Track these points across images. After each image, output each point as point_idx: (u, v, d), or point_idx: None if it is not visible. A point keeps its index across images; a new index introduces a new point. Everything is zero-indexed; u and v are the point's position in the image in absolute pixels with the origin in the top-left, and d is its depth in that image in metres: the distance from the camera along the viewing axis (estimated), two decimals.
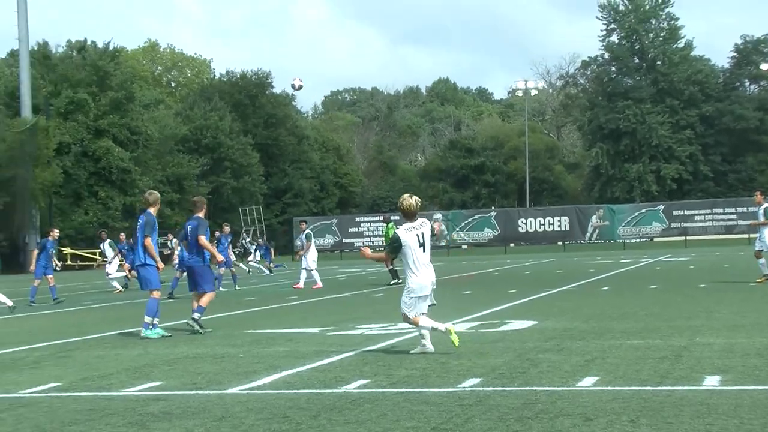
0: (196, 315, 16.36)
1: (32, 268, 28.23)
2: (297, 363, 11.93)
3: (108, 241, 35.96)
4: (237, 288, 31.78)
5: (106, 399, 9.72)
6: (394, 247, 12.59)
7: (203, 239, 16.32)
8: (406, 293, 12.46)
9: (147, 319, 16.07)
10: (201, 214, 16.98)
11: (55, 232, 30.60)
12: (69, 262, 68.48)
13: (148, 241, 16.17)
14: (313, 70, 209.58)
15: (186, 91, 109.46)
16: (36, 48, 79.06)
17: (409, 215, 12.52)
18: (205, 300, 16.48)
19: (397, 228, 12.78)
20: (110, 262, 35.07)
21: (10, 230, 66.90)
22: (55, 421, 8.54)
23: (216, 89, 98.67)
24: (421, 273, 12.41)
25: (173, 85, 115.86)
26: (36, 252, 28.83)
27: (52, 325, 19.72)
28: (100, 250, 47.07)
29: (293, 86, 36.29)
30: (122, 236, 36.63)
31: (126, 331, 17.06)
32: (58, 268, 33.00)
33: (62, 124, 73.21)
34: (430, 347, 12.36)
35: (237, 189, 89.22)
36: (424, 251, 12.44)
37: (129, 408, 9.12)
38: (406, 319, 12.60)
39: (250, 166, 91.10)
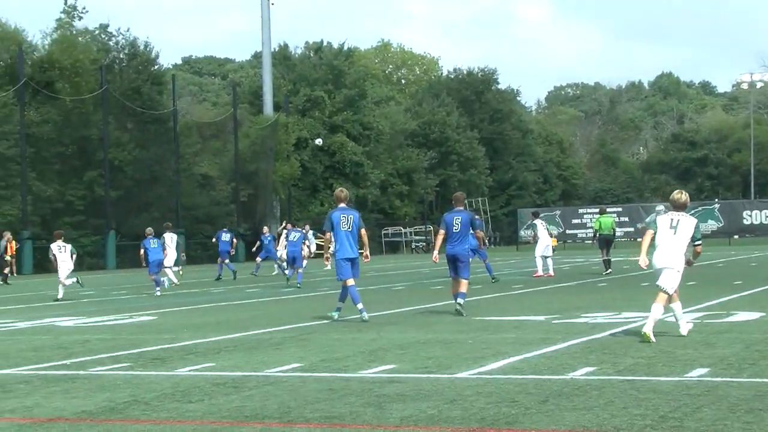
0: (461, 300, 17.50)
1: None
2: (524, 349, 12.19)
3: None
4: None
5: (344, 380, 10.17)
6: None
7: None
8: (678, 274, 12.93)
9: (359, 305, 16.94)
10: (462, 207, 18.35)
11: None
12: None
13: (327, 235, 17.03)
14: (536, 66, 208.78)
15: (415, 88, 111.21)
16: (277, 50, 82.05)
17: (678, 206, 13.31)
18: (465, 286, 17.64)
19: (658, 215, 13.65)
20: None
21: (254, 220, 69.92)
22: (299, 399, 8.99)
23: (443, 86, 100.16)
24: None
25: (403, 82, 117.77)
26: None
27: (292, 309, 20.61)
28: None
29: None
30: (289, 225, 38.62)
31: (359, 316, 17.69)
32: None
33: (300, 121, 75.86)
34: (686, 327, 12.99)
35: (463, 181, 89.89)
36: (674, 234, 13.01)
37: (365, 389, 9.51)
38: (665, 300, 12.82)
39: (476, 159, 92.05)
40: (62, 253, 28.36)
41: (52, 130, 56.73)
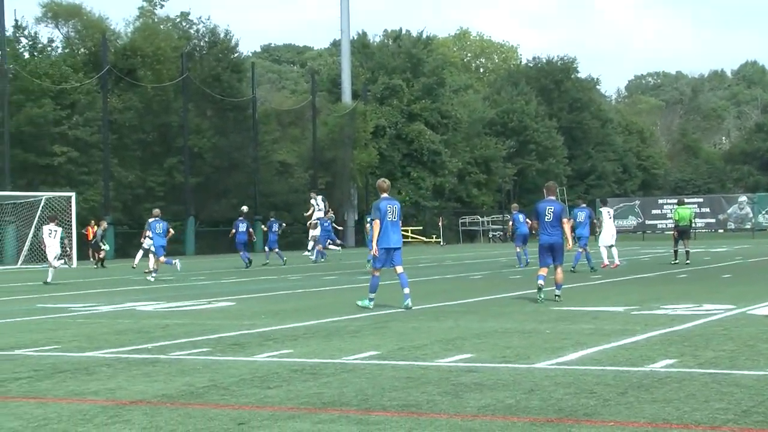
0: (557, 291, 18.09)
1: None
2: (602, 340, 12.09)
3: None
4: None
5: (421, 368, 10.17)
6: None
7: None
8: None
9: (406, 290, 17.40)
10: (554, 197, 19.05)
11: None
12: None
13: (376, 224, 17.26)
14: (616, 55, 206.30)
15: (493, 76, 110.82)
16: (356, 38, 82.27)
17: None
18: (560, 273, 18.22)
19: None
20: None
21: (332, 207, 70.28)
22: (376, 387, 9.01)
23: (522, 74, 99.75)
24: None
25: (481, 70, 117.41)
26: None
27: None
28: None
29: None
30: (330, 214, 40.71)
31: (437, 304, 17.71)
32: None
33: (378, 109, 76.02)
34: None
35: (542, 171, 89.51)
36: None
37: (443, 378, 9.50)
38: None
39: (555, 148, 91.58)
40: (51, 238, 29.29)
41: (134, 117, 57.58)
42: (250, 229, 38.16)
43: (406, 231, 70.06)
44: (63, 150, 52.66)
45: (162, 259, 30.47)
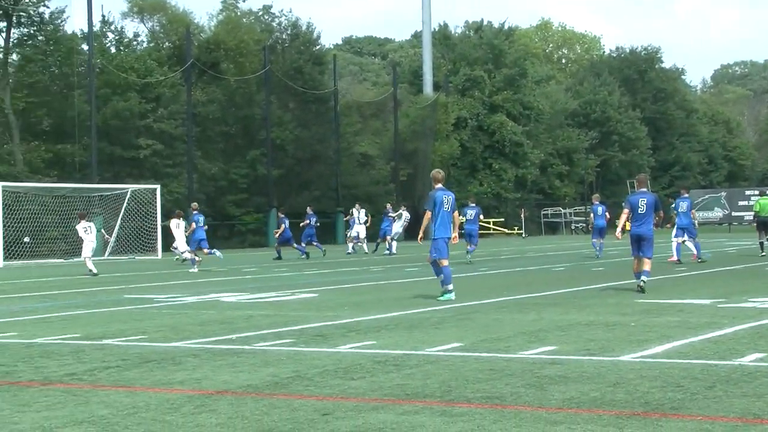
0: (644, 278, 18.31)
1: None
2: (689, 333, 11.94)
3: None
4: None
5: (504, 360, 10.13)
6: None
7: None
8: None
9: (450, 286, 17.45)
10: (646, 189, 19.19)
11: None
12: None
13: (428, 215, 17.51)
14: (702, 44, 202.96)
15: (576, 67, 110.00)
16: (437, 29, 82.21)
17: None
18: (648, 265, 18.33)
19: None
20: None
21: (413, 200, 70.37)
22: (459, 379, 9.00)
23: (605, 65, 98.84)
24: None
25: (563, 61, 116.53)
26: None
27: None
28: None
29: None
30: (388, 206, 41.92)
31: (519, 296, 17.63)
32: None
33: (459, 100, 75.87)
34: None
35: (624, 162, 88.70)
36: None
37: (526, 370, 9.46)
38: None
39: (638, 139, 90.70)
40: (87, 234, 30.32)
41: (217, 109, 58.19)
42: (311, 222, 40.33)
43: (488, 223, 69.91)
44: (148, 143, 53.43)
45: (205, 250, 31.72)
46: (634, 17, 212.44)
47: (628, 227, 19.11)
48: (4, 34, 52.03)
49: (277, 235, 38.59)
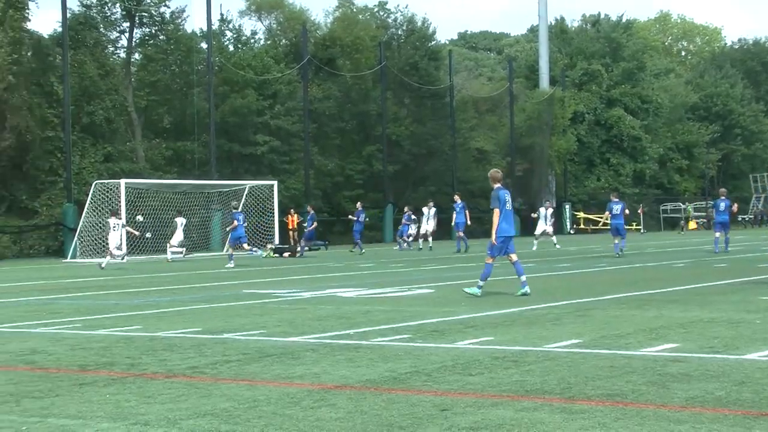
0: None
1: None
2: None
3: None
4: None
5: (624, 357, 9.97)
6: None
7: None
8: None
9: (523, 278, 17.60)
10: None
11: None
12: (582, 226, 70.38)
13: (496, 213, 17.50)
14: None
15: (696, 59, 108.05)
16: (553, 23, 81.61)
17: None
18: None
19: None
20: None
21: (529, 195, 70.06)
22: (579, 375, 8.89)
23: (727, 57, 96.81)
24: None
25: (683, 54, 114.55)
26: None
27: (567, 285, 20.46)
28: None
29: None
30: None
31: (639, 293, 17.35)
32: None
33: (576, 95, 75.19)
34: None
35: (747, 156, 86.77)
36: None
37: (648, 367, 9.30)
38: None
39: (762, 132, 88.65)
40: (114, 231, 32.31)
41: (333, 105, 58.65)
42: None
43: (599, 218, 69.05)
44: (265, 139, 54.15)
45: (246, 246, 33.81)
46: (757, 8, 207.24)
47: None
48: (127, 34, 53.30)
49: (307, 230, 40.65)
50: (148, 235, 38.97)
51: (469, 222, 40.47)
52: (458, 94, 67.15)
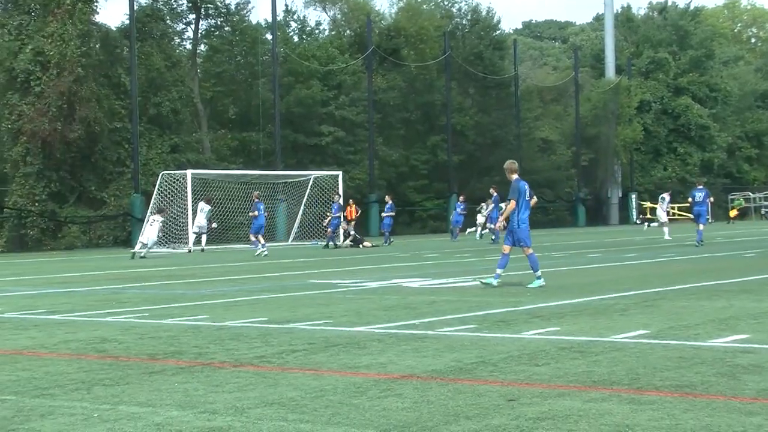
0: None
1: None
2: None
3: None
4: None
5: (693, 348, 9.86)
6: None
7: None
8: None
9: (537, 273, 17.55)
10: None
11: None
12: (648, 216, 69.69)
13: (512, 203, 17.70)
14: None
15: (766, 46, 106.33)
16: (619, 11, 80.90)
17: None
18: None
19: None
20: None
21: (594, 184, 69.56)
22: (647, 366, 8.80)
23: None
24: None
25: (753, 41, 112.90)
26: None
27: (636, 275, 20.28)
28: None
29: None
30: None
31: (707, 283, 17.14)
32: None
33: (643, 83, 74.48)
34: None
35: None
36: None
37: (717, 358, 9.18)
38: None
39: None
40: (149, 225, 33.84)
41: (398, 96, 58.66)
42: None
43: (672, 208, 68.30)
44: (330, 130, 54.31)
45: (252, 238, 34.74)
46: None
47: None
48: (193, 26, 53.74)
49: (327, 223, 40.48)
50: (214, 225, 39.31)
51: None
52: (523, 83, 66.80)
